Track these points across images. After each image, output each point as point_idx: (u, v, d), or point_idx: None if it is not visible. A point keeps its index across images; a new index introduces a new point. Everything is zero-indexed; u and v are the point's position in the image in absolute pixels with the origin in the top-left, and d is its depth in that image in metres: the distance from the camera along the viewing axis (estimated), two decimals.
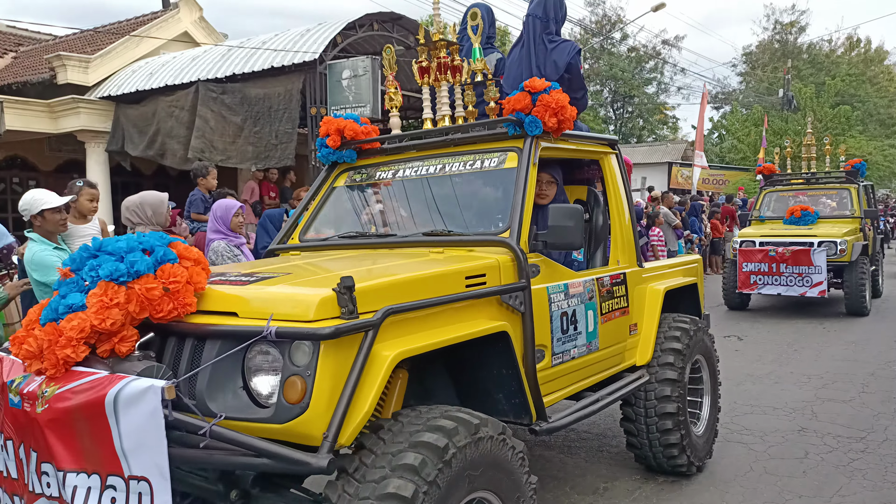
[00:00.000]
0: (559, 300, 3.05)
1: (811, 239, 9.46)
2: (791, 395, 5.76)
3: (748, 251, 9.82)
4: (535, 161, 3.04)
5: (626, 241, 3.83)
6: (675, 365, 3.85)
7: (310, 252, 3.25)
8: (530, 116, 2.99)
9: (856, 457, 4.40)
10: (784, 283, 9.49)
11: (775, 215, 10.86)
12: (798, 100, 29.96)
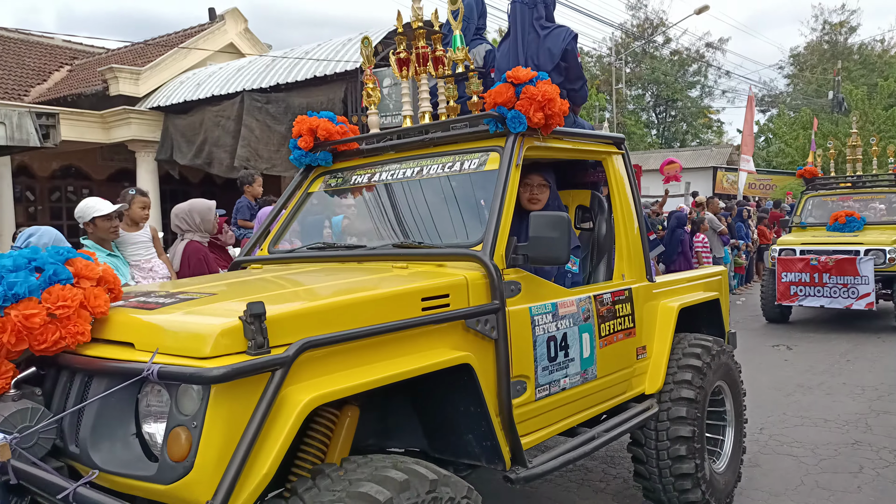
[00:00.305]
0: (545, 322, 2.61)
1: (857, 247, 8.68)
2: (844, 407, 5.48)
3: (788, 260, 9.10)
4: (518, 162, 2.61)
5: (634, 252, 3.33)
6: (690, 394, 3.31)
7: (274, 265, 2.89)
8: (513, 111, 2.59)
9: None
10: (827, 294, 8.73)
11: (818, 221, 10.02)
12: (849, 102, 29.02)
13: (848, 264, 8.54)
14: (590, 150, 3.25)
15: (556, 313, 2.67)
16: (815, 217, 10.20)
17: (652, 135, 44.33)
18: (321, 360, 1.84)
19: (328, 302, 1.97)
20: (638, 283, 3.33)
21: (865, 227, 9.30)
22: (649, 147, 38.81)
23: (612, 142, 3.36)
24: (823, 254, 8.87)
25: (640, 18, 43.82)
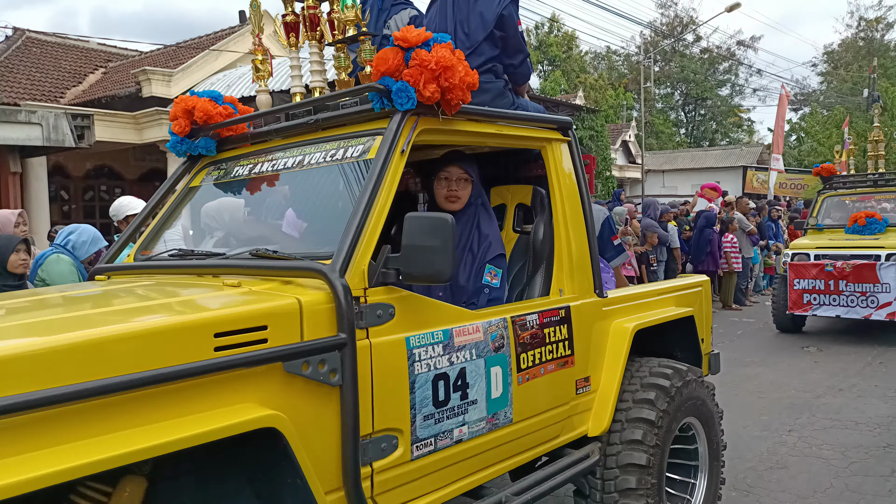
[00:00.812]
0: (431, 356, 2.00)
1: (877, 251, 7.74)
2: (876, 410, 5.29)
3: (801, 266, 8.16)
4: (403, 148, 2.03)
5: (578, 261, 2.69)
6: (645, 435, 2.66)
7: (127, 276, 2.43)
8: (400, 83, 1.99)
9: None
10: (844, 303, 7.82)
11: (836, 223, 9.00)
12: (885, 100, 28.33)
13: (867, 270, 7.66)
14: (520, 137, 2.57)
15: (449, 344, 2.06)
16: (832, 219, 9.20)
17: (681, 133, 43.79)
18: (27, 431, 1.29)
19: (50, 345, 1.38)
20: (580, 300, 2.67)
21: (888, 229, 8.33)
22: (678, 146, 38.35)
23: (554, 126, 2.72)
24: (840, 258, 7.96)
25: (670, 17, 43.32)
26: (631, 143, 26.57)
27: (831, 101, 37.33)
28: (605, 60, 44.35)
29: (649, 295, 3.20)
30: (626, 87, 37.43)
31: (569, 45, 39.12)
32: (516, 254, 2.81)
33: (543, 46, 38.31)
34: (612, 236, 3.35)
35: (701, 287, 3.58)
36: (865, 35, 41.82)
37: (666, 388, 2.80)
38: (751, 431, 4.95)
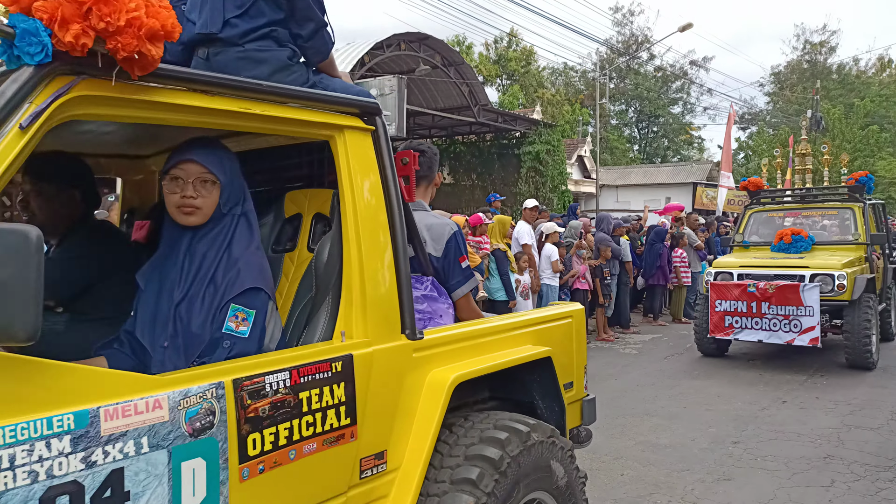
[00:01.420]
0: (40, 461, 1.27)
1: (801, 271, 7.28)
2: (817, 422, 5.48)
3: (723, 286, 7.55)
4: (23, 122, 1.34)
5: (373, 293, 1.99)
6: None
7: None
8: (29, 20, 1.33)
9: (884, 486, 4.16)
10: (766, 326, 7.28)
11: (762, 240, 8.53)
12: (827, 121, 29.58)
13: (790, 292, 7.12)
14: (288, 121, 1.86)
15: (87, 435, 1.34)
16: (759, 235, 8.73)
17: (634, 150, 44.82)
18: None
19: None
20: (375, 346, 1.96)
21: (814, 247, 7.96)
22: (631, 162, 39.21)
23: (352, 110, 2.00)
24: (763, 279, 7.41)
25: (626, 35, 44.46)
26: (586, 158, 27.05)
27: (777, 120, 38.77)
28: (563, 76, 45.17)
29: (494, 332, 2.49)
30: (583, 103, 38.13)
31: (527, 60, 39.68)
32: (304, 283, 2.09)
33: (502, 61, 38.76)
34: (459, 257, 2.66)
35: (571, 318, 2.88)
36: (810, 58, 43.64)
37: (494, 461, 2.08)
38: (699, 444, 5.06)
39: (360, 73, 9.81)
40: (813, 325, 7.04)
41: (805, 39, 43.38)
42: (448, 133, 14.43)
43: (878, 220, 8.96)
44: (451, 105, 12.48)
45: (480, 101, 12.23)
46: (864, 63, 43.08)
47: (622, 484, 4.29)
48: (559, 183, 13.68)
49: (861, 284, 7.18)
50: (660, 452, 4.87)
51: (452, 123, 13.03)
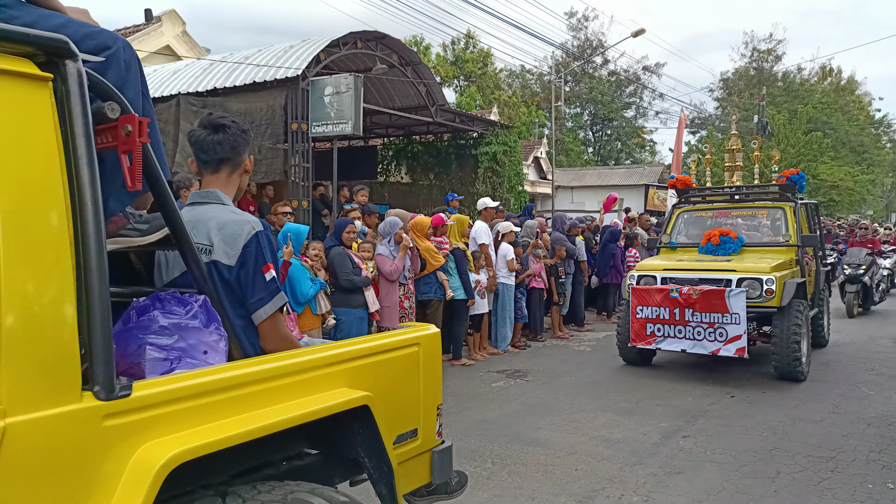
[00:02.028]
0: None
1: (728, 275, 6.69)
2: (764, 415, 5.63)
3: (644, 290, 6.94)
4: None
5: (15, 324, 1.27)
6: None
7: None
8: None
9: (826, 476, 4.32)
10: (690, 335, 6.67)
11: (690, 241, 7.96)
12: (772, 126, 30.60)
13: (715, 298, 6.53)
14: None
15: None
16: (688, 236, 8.15)
17: (589, 152, 45.51)
18: None
19: None
20: (12, 416, 1.24)
21: (743, 249, 7.43)
22: (586, 164, 39.79)
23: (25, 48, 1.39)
24: (687, 283, 6.80)
25: (581, 39, 45.10)
26: (542, 160, 27.33)
27: (725, 125, 39.86)
28: (520, 79, 45.54)
29: (269, 376, 1.77)
30: (539, 105, 38.50)
31: (484, 62, 39.85)
32: None
33: (460, 62, 38.85)
34: (262, 266, 2.01)
35: (417, 347, 2.30)
36: (757, 65, 45.00)
37: None
38: (651, 438, 5.14)
39: (315, 70, 9.68)
40: (739, 334, 6.47)
41: (753, 47, 44.77)
42: (405, 132, 14.37)
43: (811, 221, 8.57)
44: (408, 105, 12.42)
45: (438, 101, 12.21)
46: (807, 71, 44.66)
47: (577, 479, 4.33)
48: (516, 183, 13.76)
49: (791, 289, 6.63)
50: (613, 447, 4.93)
51: (410, 123, 12.98)
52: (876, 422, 5.52)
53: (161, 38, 13.18)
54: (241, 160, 2.23)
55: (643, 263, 7.67)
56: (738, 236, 7.46)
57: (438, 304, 7.50)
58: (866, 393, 6.45)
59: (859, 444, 4.95)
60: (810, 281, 7.78)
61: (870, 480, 4.27)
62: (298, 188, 9.30)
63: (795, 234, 7.47)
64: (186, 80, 10.44)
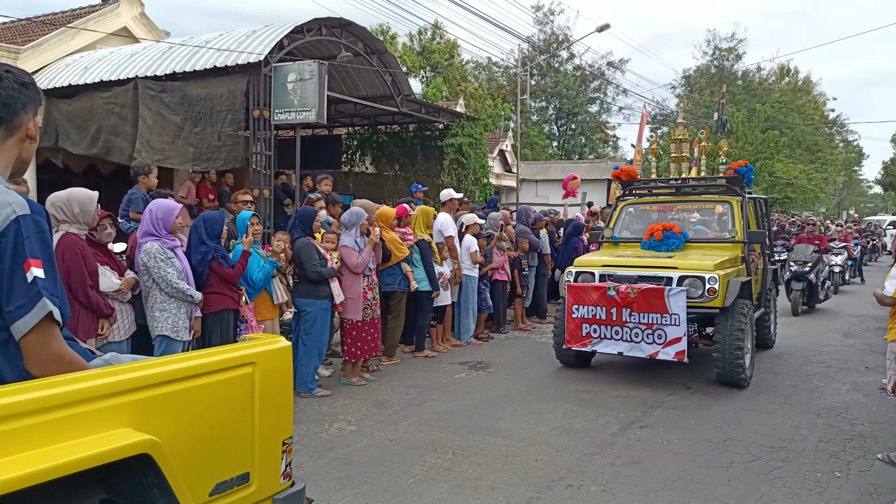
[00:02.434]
0: None
1: (668, 272, 6.28)
2: (719, 406, 5.75)
3: (581, 288, 6.45)
4: None
5: None
6: None
7: None
8: None
9: (777, 465, 4.45)
10: (627, 337, 6.24)
11: (634, 236, 7.53)
12: (731, 124, 31.26)
13: (654, 297, 6.09)
14: None
15: None
16: (631, 231, 7.73)
17: (553, 146, 45.86)
18: None
19: None
20: None
21: (687, 245, 6.98)
22: (550, 158, 40.10)
23: None
24: (625, 281, 6.39)
25: (547, 33, 45.33)
26: (507, 153, 27.44)
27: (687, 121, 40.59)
28: (486, 71, 45.56)
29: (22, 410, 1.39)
30: (505, 99, 38.59)
31: (451, 53, 39.75)
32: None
33: (426, 52, 38.67)
34: (23, 262, 1.57)
35: (251, 367, 1.86)
36: (718, 63, 45.84)
37: None
38: (609, 428, 5.22)
39: (278, 56, 9.50)
40: (679, 337, 6.04)
41: (715, 46, 45.57)
42: (370, 122, 14.24)
43: (759, 217, 8.23)
44: (373, 94, 12.31)
45: (404, 91, 12.12)
46: (766, 71, 45.70)
47: (536, 469, 4.37)
48: (481, 176, 13.77)
49: (735, 288, 6.24)
50: (573, 437, 4.99)
51: (375, 113, 12.86)
52: (825, 412, 5.70)
53: (118, 19, 12.77)
54: (20, 122, 1.75)
55: (581, 259, 7.19)
56: (681, 231, 7.04)
57: (402, 295, 7.47)
58: (816, 385, 6.65)
59: (809, 435, 5.11)
60: (757, 280, 7.52)
61: (818, 469, 4.41)
62: (260, 176, 9.13)
63: (742, 230, 7.05)
64: (144, 63, 10.14)
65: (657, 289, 6.13)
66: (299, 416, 5.48)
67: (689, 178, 7.89)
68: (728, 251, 6.94)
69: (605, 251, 7.50)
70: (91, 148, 10.18)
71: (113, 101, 9.92)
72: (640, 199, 8.02)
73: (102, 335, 4.38)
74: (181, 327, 4.76)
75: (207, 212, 6.42)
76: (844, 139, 51.38)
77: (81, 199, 4.29)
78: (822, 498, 3.97)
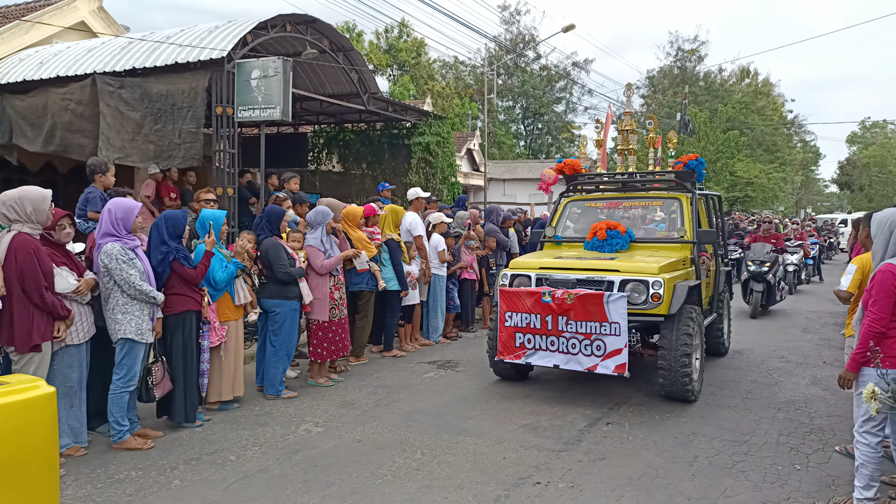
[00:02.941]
0: None
1: (609, 276, 5.65)
2: (682, 401, 5.92)
3: (514, 294, 5.81)
4: None
5: None
6: None
7: None
8: None
9: (739, 459, 4.54)
10: (563, 348, 5.61)
11: (578, 236, 6.87)
12: (694, 124, 31.85)
13: (593, 303, 5.47)
14: None
15: None
16: (575, 230, 7.08)
17: (521, 146, 46.12)
18: None
19: None
20: None
21: (633, 245, 6.43)
22: (517, 157, 40.32)
23: None
24: (562, 285, 5.76)
25: (514, 33, 45.55)
26: (475, 152, 27.50)
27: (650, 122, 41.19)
28: (453, 70, 45.60)
29: None
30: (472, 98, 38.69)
31: (418, 52, 39.69)
32: None
33: (393, 51, 38.53)
34: None
35: None
36: (681, 64, 46.63)
37: None
38: (576, 425, 5.27)
39: (241, 52, 9.35)
40: (619, 348, 5.44)
41: (678, 47, 46.34)
42: (337, 120, 14.13)
43: (712, 215, 7.72)
44: (339, 92, 12.20)
45: (370, 89, 12.05)
46: (727, 73, 46.64)
47: (505, 467, 4.38)
48: (449, 174, 13.76)
49: (682, 293, 5.61)
50: (540, 435, 5.02)
51: (341, 110, 12.76)
52: (785, 406, 5.84)
53: (75, 13, 12.43)
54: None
55: (517, 261, 6.50)
56: (626, 231, 6.46)
57: (370, 294, 7.42)
58: (776, 379, 6.81)
59: (770, 428, 5.22)
60: (708, 283, 7.01)
61: (779, 462, 4.51)
62: (224, 175, 8.97)
63: (692, 229, 6.46)
64: (103, 58, 9.88)
65: (595, 294, 5.50)
66: (265, 418, 5.41)
67: (637, 173, 7.21)
68: (676, 252, 6.35)
69: (545, 252, 6.86)
70: (47, 145, 9.90)
71: (69, 98, 9.66)
72: (585, 196, 7.44)
73: (59, 338, 4.25)
74: (145, 329, 4.65)
75: (169, 211, 6.28)
76: (802, 139, 52.79)
77: (34, 197, 4.15)
78: (783, 491, 4.06)
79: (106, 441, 4.71)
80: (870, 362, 3.52)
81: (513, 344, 5.86)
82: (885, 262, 3.59)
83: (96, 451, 4.60)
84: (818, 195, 65.99)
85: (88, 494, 3.94)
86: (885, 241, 3.64)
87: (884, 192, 46.34)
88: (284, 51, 10.90)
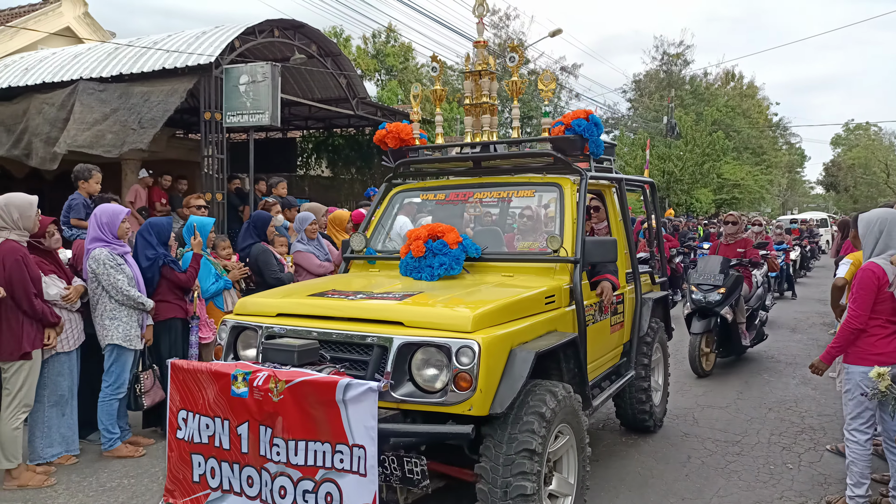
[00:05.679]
0: None
1: (381, 331, 2.97)
2: (674, 402, 5.75)
3: (190, 373, 2.99)
4: None
5: None
6: None
7: None
8: None
9: (732, 459, 4.59)
10: (266, 495, 2.81)
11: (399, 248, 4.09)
12: (680, 127, 32.09)
13: (318, 400, 2.70)
14: None
15: None
16: (403, 238, 4.12)
17: None
18: None
19: None
20: None
21: (477, 265, 3.78)
22: None
23: None
24: (283, 353, 2.86)
25: (502, 38, 45.73)
26: None
27: (637, 125, 41.47)
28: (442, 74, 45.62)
29: None
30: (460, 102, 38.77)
31: (405, 57, 39.75)
32: None
33: (381, 55, 38.58)
34: None
35: None
36: (667, 68, 47.00)
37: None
38: None
39: (229, 58, 9.32)
40: (367, 500, 2.62)
41: (664, 51, 46.67)
42: (326, 125, 14.11)
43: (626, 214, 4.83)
44: (328, 97, 12.19)
45: (359, 93, 12.05)
46: (712, 76, 47.02)
47: None
48: None
49: (523, 369, 2.90)
50: None
51: (330, 115, 12.75)
52: (776, 406, 5.88)
53: (60, 18, 12.35)
54: None
55: (247, 300, 3.65)
56: (463, 240, 3.82)
57: None
58: (767, 380, 6.86)
59: (761, 428, 5.26)
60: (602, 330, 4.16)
61: (771, 462, 4.54)
62: (213, 180, 8.92)
63: (574, 238, 3.79)
64: (89, 64, 9.82)
65: (322, 383, 2.69)
66: None
67: (493, 143, 4.34)
68: (537, 279, 3.69)
69: (340, 278, 4.14)
70: (13, 150, 9.63)
71: (47, 102, 9.52)
72: (420, 184, 4.81)
73: (49, 345, 4.21)
74: (133, 336, 4.61)
75: (154, 218, 6.24)
76: (787, 142, 53.29)
77: (20, 203, 4.12)
78: (775, 490, 4.08)
79: (97, 449, 4.66)
80: (845, 357, 3.63)
81: (188, 474, 3.02)
82: (868, 261, 3.64)
83: (88, 459, 4.55)
84: (804, 197, 66.66)
85: (81, 503, 3.89)
86: (873, 241, 3.68)
87: (868, 194, 46.87)
88: (272, 56, 10.89)
